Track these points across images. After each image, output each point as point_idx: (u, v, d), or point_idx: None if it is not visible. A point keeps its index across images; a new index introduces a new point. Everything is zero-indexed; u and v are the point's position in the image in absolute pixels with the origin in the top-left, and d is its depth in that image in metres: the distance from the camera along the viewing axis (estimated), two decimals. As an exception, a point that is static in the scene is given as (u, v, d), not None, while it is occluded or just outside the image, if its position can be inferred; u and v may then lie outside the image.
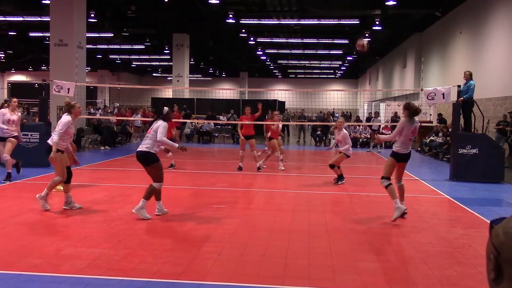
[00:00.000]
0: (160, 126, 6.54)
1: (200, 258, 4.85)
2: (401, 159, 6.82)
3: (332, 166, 10.15)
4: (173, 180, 10.48)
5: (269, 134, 12.33)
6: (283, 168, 11.99)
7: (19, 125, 9.89)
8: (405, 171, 7.08)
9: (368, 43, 11.45)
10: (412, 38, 28.81)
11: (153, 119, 7.32)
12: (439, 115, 18.23)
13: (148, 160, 6.54)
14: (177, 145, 6.93)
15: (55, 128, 9.36)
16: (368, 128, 19.77)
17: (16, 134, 9.50)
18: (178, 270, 4.45)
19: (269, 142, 12.39)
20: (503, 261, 1.04)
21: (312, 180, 10.88)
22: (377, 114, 19.43)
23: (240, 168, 11.63)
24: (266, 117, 14.40)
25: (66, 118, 6.86)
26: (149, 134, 6.62)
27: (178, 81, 28.47)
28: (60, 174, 6.74)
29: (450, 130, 13.56)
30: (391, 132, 8.65)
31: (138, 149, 6.65)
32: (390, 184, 6.78)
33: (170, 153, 11.90)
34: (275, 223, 6.45)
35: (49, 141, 6.78)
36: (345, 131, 10.26)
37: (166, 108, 6.96)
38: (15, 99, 9.97)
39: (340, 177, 10.18)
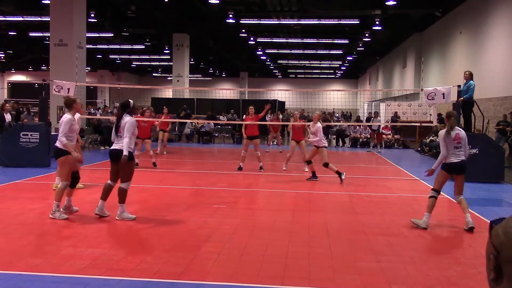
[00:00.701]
0: (127, 123, 6.28)
1: (200, 258, 4.85)
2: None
3: (308, 162, 10.53)
4: (173, 180, 10.49)
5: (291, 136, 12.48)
6: (284, 168, 12.02)
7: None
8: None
9: None
10: (412, 38, 28.82)
11: (118, 115, 6.83)
12: (439, 115, 18.23)
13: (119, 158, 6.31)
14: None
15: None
16: (368, 128, 19.77)
17: None
18: (178, 270, 4.45)
19: (290, 144, 12.46)
20: (503, 261, 1.03)
21: (312, 180, 10.87)
22: (376, 114, 19.44)
23: (240, 168, 11.63)
24: (270, 117, 14.41)
25: (66, 117, 6.75)
26: (121, 134, 6.36)
27: (178, 81, 28.47)
28: (64, 178, 6.45)
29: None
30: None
31: (113, 148, 6.46)
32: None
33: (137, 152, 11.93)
34: (275, 223, 6.45)
35: (58, 144, 6.55)
36: (319, 124, 10.56)
37: (131, 101, 6.64)
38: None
39: (314, 174, 10.53)
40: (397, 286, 4.21)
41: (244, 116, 17.03)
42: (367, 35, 26.80)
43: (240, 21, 24.24)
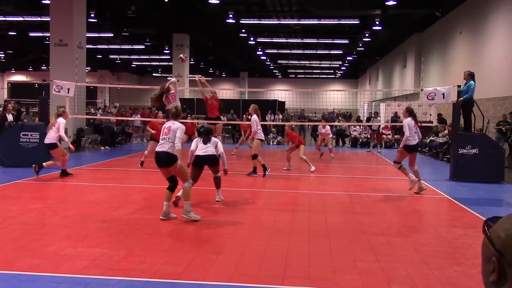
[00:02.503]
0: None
1: (200, 258, 4.84)
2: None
3: (253, 157, 10.68)
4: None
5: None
6: (286, 169, 12.03)
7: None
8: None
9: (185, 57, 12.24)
10: (412, 38, 28.81)
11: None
12: (439, 115, 18.23)
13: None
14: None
15: (49, 128, 9.67)
16: (368, 128, 19.77)
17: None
18: (178, 270, 4.45)
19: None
20: (507, 264, 1.00)
21: (312, 180, 10.88)
22: (376, 114, 19.43)
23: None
24: (267, 118, 14.42)
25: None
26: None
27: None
28: (187, 177, 6.60)
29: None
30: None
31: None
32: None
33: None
34: (275, 223, 6.45)
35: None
36: (254, 116, 10.77)
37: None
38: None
39: (254, 170, 10.69)
40: (397, 286, 4.21)
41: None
42: (367, 35, 26.80)
43: (240, 21, 24.24)
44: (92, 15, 20.95)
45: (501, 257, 1.01)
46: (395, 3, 19.11)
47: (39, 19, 23.25)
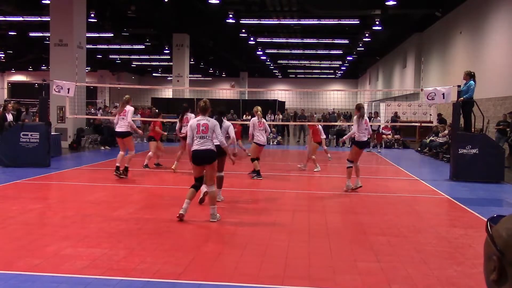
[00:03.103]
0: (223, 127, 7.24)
1: (200, 258, 4.85)
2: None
3: (252, 160, 10.64)
4: (173, 180, 10.48)
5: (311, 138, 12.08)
6: (317, 170, 11.92)
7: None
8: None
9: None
10: (412, 38, 28.81)
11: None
12: (439, 115, 18.23)
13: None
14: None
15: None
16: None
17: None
18: (178, 270, 4.45)
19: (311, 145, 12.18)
20: (508, 263, 1.01)
21: (312, 180, 10.88)
22: (376, 114, 19.43)
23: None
24: (267, 118, 14.38)
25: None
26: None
27: (178, 81, 28.47)
28: (213, 181, 6.71)
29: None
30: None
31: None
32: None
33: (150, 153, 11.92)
34: (275, 223, 6.45)
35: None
36: (253, 119, 10.70)
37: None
38: None
39: (258, 173, 10.51)
40: (397, 286, 4.21)
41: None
42: (367, 35, 26.80)
43: (240, 21, 24.23)
44: (92, 15, 20.96)
45: (502, 256, 1.01)
46: (395, 3, 19.11)
47: (39, 19, 23.25)
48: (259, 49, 35.49)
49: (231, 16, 22.06)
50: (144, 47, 34.13)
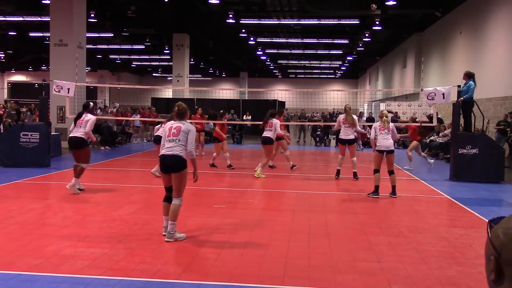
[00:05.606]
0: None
1: (200, 258, 4.85)
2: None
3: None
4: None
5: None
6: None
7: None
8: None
9: None
10: (412, 38, 28.80)
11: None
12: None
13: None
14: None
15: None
16: (368, 128, 19.76)
17: None
18: (178, 270, 4.45)
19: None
20: (504, 263, 1.02)
21: (312, 180, 10.88)
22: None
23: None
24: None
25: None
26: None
27: (178, 81, 28.47)
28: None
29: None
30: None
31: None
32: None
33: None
34: (275, 223, 6.45)
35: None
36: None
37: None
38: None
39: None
40: (397, 286, 4.21)
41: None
42: (367, 35, 26.79)
43: (240, 21, 24.22)
44: (92, 15, 20.95)
45: (499, 256, 1.02)
46: (395, 3, 19.11)
47: (39, 19, 23.23)
48: (259, 49, 35.48)
49: (231, 16, 22.05)
50: (144, 47, 34.11)
